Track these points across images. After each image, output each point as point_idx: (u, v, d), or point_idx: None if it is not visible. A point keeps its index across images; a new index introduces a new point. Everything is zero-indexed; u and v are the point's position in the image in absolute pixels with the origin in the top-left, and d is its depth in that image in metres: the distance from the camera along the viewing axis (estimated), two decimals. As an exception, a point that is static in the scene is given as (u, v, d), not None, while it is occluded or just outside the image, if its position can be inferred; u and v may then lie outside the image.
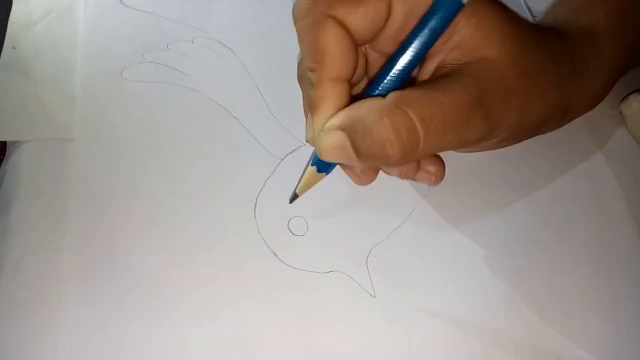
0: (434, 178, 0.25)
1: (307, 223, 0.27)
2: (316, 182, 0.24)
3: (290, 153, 0.29)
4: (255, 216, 0.26)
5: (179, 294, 0.24)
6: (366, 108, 0.20)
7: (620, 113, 0.34)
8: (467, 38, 0.22)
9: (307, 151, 0.29)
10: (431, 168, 0.25)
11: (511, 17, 0.23)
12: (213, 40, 0.32)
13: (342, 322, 0.25)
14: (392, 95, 0.20)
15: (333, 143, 0.21)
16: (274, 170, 0.28)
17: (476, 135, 0.22)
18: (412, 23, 0.22)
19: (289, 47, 0.33)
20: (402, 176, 0.26)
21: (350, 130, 0.20)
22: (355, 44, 0.22)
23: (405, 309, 0.25)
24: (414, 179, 0.25)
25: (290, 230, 0.26)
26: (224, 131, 0.29)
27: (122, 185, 0.26)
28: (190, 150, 0.28)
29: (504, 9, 0.23)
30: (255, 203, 0.27)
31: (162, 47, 0.31)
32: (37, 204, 0.25)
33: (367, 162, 0.21)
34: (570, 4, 0.30)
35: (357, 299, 0.25)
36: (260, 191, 0.27)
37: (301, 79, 0.25)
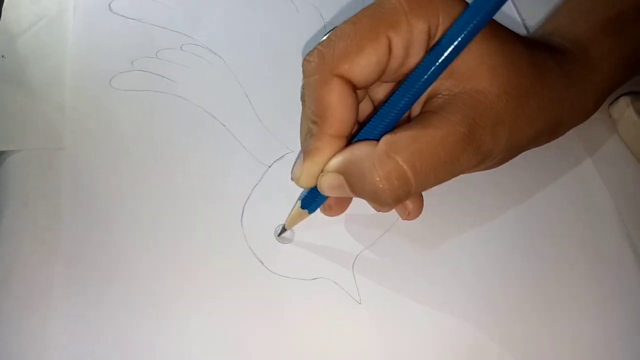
0: (408, 214, 0.26)
1: (293, 230, 0.27)
2: (302, 218, 0.26)
3: (277, 160, 0.29)
4: (242, 224, 0.27)
5: (167, 303, 0.24)
6: (360, 155, 0.22)
7: (610, 116, 0.34)
8: (460, 66, 0.22)
9: (294, 158, 0.29)
10: (409, 204, 0.26)
11: (504, 40, 0.23)
12: (202, 48, 0.32)
13: (329, 329, 0.25)
14: (383, 142, 0.21)
15: (332, 183, 0.23)
16: (261, 178, 0.28)
17: (467, 167, 0.22)
18: (412, 56, 0.22)
19: (278, 55, 0.33)
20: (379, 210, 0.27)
21: (346, 174, 0.22)
22: (362, 88, 0.23)
23: (392, 314, 0.25)
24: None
25: (276, 237, 0.27)
26: (212, 138, 0.29)
27: (111, 193, 0.27)
28: (179, 157, 0.28)
29: (497, 32, 0.23)
30: (243, 211, 0.27)
31: (151, 54, 0.31)
32: (27, 214, 0.25)
33: (363, 198, 0.23)
34: (564, 16, 0.30)
35: (343, 305, 0.25)
36: (248, 199, 0.27)
37: (303, 97, 0.25)
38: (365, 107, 0.26)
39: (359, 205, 0.28)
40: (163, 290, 0.24)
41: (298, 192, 0.27)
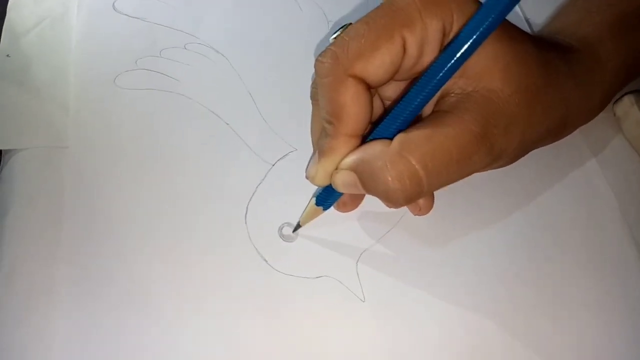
0: (419, 209, 0.26)
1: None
2: (316, 215, 0.26)
3: (281, 158, 0.29)
4: (246, 223, 0.27)
5: (170, 302, 0.24)
6: (373, 153, 0.22)
7: (614, 115, 0.34)
8: (472, 65, 0.22)
9: (298, 156, 0.29)
10: (421, 200, 0.26)
11: (516, 40, 0.23)
12: (206, 47, 0.32)
13: (332, 327, 0.25)
14: (396, 141, 0.21)
15: (345, 181, 0.23)
16: (265, 176, 0.28)
17: (479, 167, 0.22)
18: (426, 55, 0.22)
19: (282, 54, 0.33)
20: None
21: (359, 172, 0.22)
22: (375, 87, 0.23)
23: (395, 313, 0.25)
24: None
25: (280, 236, 0.27)
26: (216, 137, 0.29)
27: (115, 192, 0.27)
28: (182, 156, 0.28)
29: (508, 31, 0.23)
30: (247, 209, 0.27)
31: (155, 53, 0.31)
32: (31, 212, 0.26)
33: (375, 196, 0.23)
34: (571, 15, 0.30)
35: (347, 304, 0.25)
36: (252, 197, 0.27)
37: (314, 96, 0.25)
38: (375, 106, 0.26)
39: (364, 203, 0.28)
40: (165, 289, 0.25)
41: (302, 190, 0.27)
